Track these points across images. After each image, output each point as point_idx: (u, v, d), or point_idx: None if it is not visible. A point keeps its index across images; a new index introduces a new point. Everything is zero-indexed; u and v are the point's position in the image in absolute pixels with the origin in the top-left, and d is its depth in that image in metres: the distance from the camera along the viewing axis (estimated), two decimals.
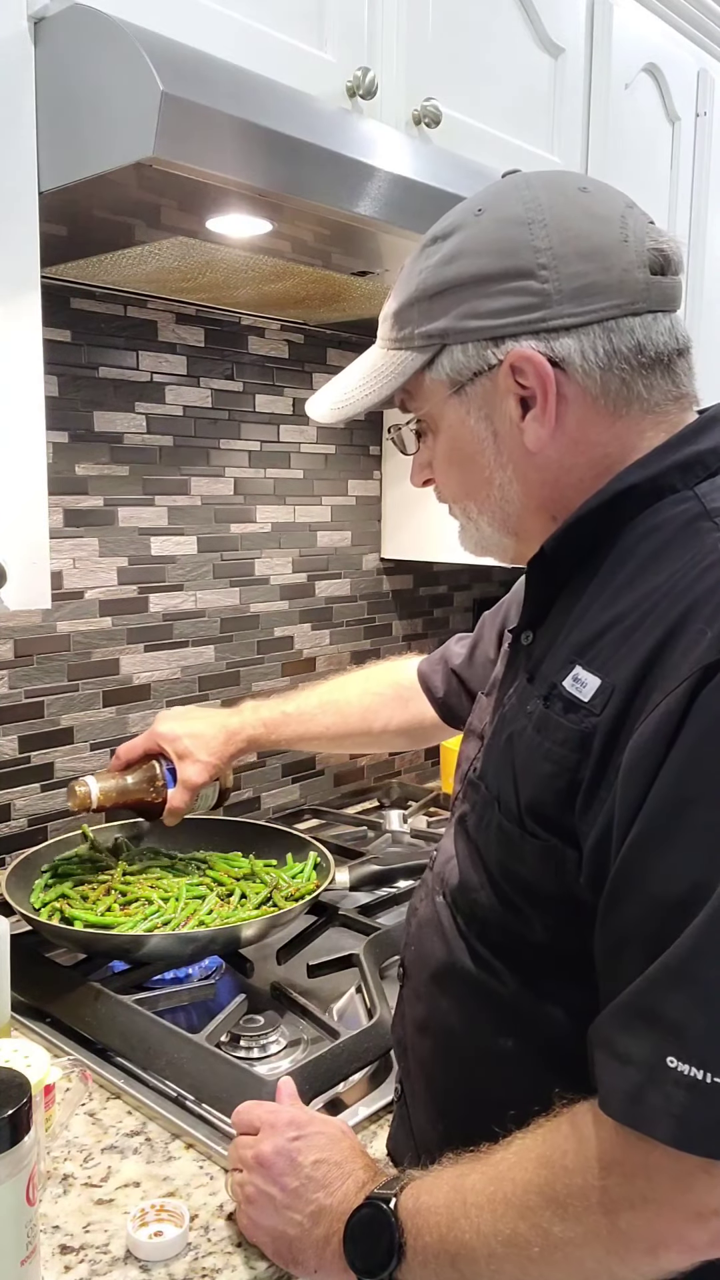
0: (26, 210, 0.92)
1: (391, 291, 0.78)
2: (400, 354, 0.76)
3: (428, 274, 0.74)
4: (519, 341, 0.70)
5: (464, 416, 0.75)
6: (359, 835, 1.66)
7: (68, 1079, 0.91)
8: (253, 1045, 1.03)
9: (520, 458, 0.73)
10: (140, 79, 0.83)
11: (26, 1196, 0.66)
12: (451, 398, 0.75)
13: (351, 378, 0.81)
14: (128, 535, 1.48)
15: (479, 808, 0.75)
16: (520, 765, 0.70)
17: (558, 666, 0.69)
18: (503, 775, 0.72)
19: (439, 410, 0.76)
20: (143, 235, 1.13)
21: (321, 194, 0.99)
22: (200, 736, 1.23)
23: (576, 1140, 0.61)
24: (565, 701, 0.67)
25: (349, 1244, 0.70)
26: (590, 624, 0.68)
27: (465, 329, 0.72)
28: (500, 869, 0.72)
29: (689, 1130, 0.55)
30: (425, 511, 1.82)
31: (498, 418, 0.73)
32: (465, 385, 0.73)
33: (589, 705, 0.65)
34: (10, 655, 1.36)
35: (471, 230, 0.73)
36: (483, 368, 0.72)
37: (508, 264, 0.70)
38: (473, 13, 1.34)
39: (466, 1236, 0.64)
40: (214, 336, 1.56)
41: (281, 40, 1.08)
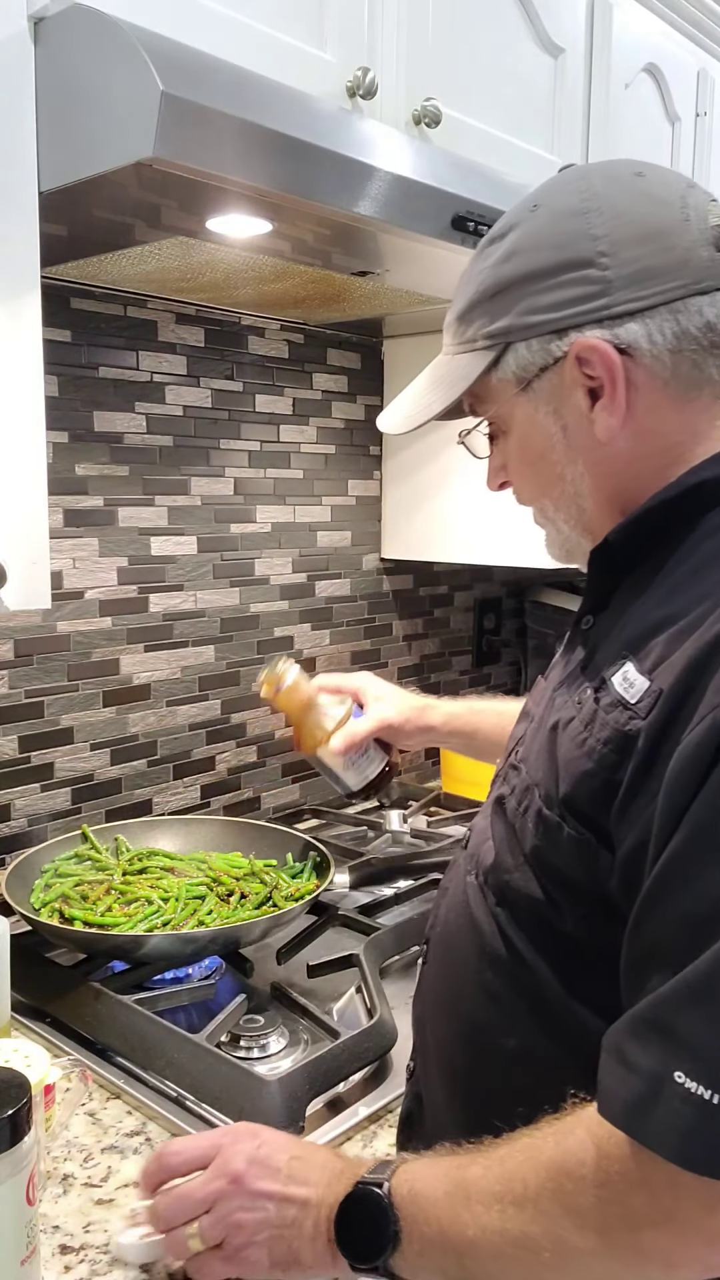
0: (26, 210, 0.92)
1: (453, 299, 0.78)
2: (465, 357, 0.76)
3: (486, 274, 0.74)
4: (583, 331, 0.70)
5: (533, 413, 0.74)
6: (359, 835, 1.66)
7: (68, 1079, 0.91)
8: (253, 1045, 1.03)
9: (590, 450, 0.73)
10: (140, 79, 0.83)
11: (26, 1196, 0.66)
12: (519, 395, 0.74)
13: (419, 387, 0.82)
14: (128, 535, 1.48)
15: (518, 791, 0.75)
16: (562, 756, 0.70)
17: (610, 659, 0.69)
18: (544, 762, 0.72)
19: (508, 409, 0.76)
20: (143, 235, 1.13)
21: (321, 194, 0.99)
22: (398, 695, 1.17)
23: (595, 1152, 0.60)
24: (613, 699, 0.66)
25: (342, 1230, 0.68)
26: (644, 619, 0.68)
27: (527, 325, 0.71)
28: (535, 855, 0.71)
29: (693, 1148, 0.55)
30: (425, 511, 1.82)
31: (566, 411, 0.73)
32: (532, 381, 0.73)
33: (635, 707, 0.64)
34: (10, 655, 1.36)
35: (527, 226, 0.72)
36: (548, 362, 0.72)
37: (565, 256, 0.70)
38: (473, 13, 1.34)
39: (471, 1232, 0.63)
40: (214, 336, 1.56)
41: (281, 40, 1.08)
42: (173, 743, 1.57)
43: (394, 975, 1.18)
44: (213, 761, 1.64)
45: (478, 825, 0.83)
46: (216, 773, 1.64)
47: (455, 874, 0.83)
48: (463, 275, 0.78)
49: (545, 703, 0.78)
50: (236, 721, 1.67)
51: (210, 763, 1.63)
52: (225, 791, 1.66)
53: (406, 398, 0.83)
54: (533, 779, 0.73)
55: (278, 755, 1.74)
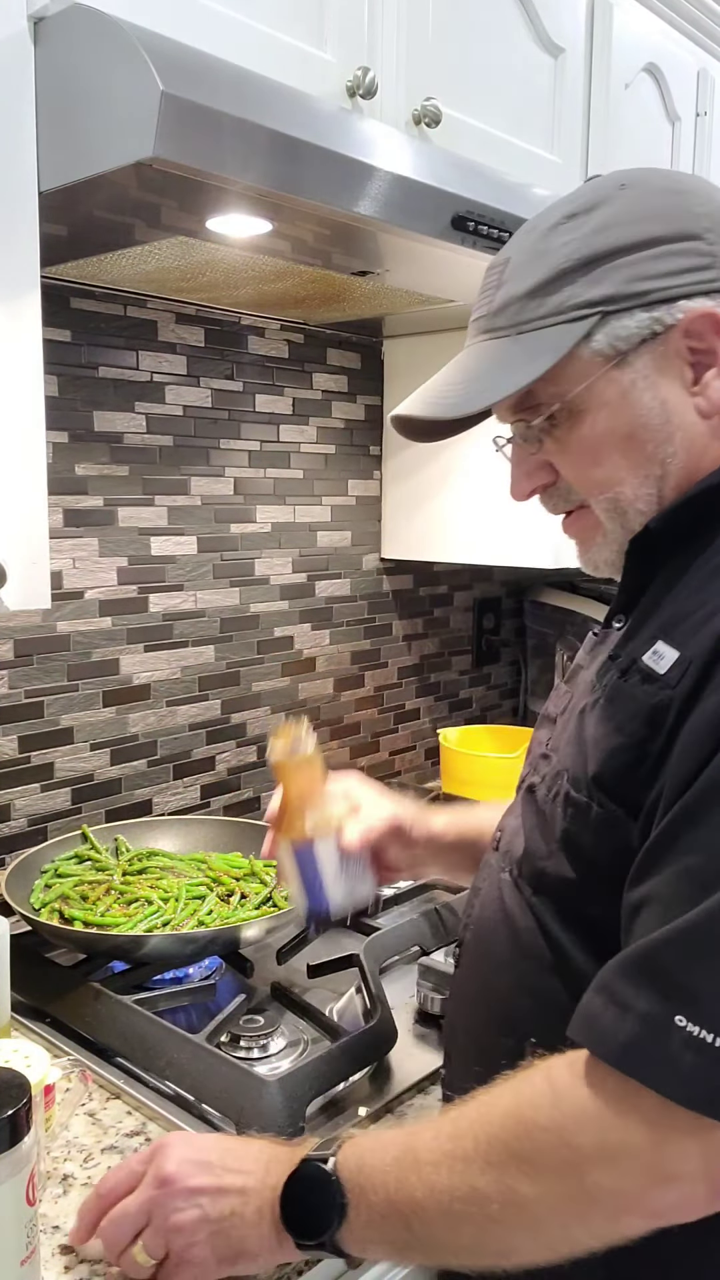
0: (26, 210, 0.92)
1: (504, 280, 0.74)
2: (547, 331, 0.71)
3: (577, 245, 0.70)
4: (693, 301, 0.69)
5: (626, 389, 0.71)
6: None
7: (68, 1079, 0.91)
8: (253, 1045, 1.03)
9: (690, 426, 0.71)
10: (140, 79, 0.83)
11: (26, 1196, 0.66)
12: (612, 370, 0.71)
13: (473, 370, 0.74)
14: (128, 535, 1.48)
15: (548, 779, 0.75)
16: (591, 736, 0.70)
17: (642, 644, 0.69)
18: (573, 747, 0.72)
19: (593, 389, 0.71)
20: (143, 235, 1.13)
21: (321, 194, 0.99)
22: (393, 797, 1.00)
23: (551, 1095, 0.61)
24: (642, 674, 0.66)
25: (286, 1208, 0.66)
26: (678, 605, 0.68)
27: (634, 293, 0.69)
28: (565, 839, 0.71)
29: (694, 1088, 0.56)
30: (425, 511, 1.82)
31: (666, 385, 0.71)
32: (629, 355, 0.70)
33: (665, 678, 0.64)
34: (10, 655, 1.36)
35: (622, 202, 0.71)
36: (654, 332, 0.69)
37: (673, 228, 0.69)
38: (473, 13, 1.34)
39: (419, 1194, 0.62)
40: (214, 336, 1.56)
41: (281, 40, 1.08)
42: (173, 743, 1.57)
43: (394, 975, 1.18)
44: (213, 761, 1.64)
45: (508, 824, 0.82)
46: (216, 773, 1.64)
47: (488, 874, 0.82)
48: (521, 255, 0.73)
49: (576, 694, 0.78)
50: (236, 721, 1.67)
51: (210, 763, 1.63)
52: (225, 791, 1.66)
53: (453, 382, 0.75)
54: (562, 764, 0.73)
55: None
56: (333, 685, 1.84)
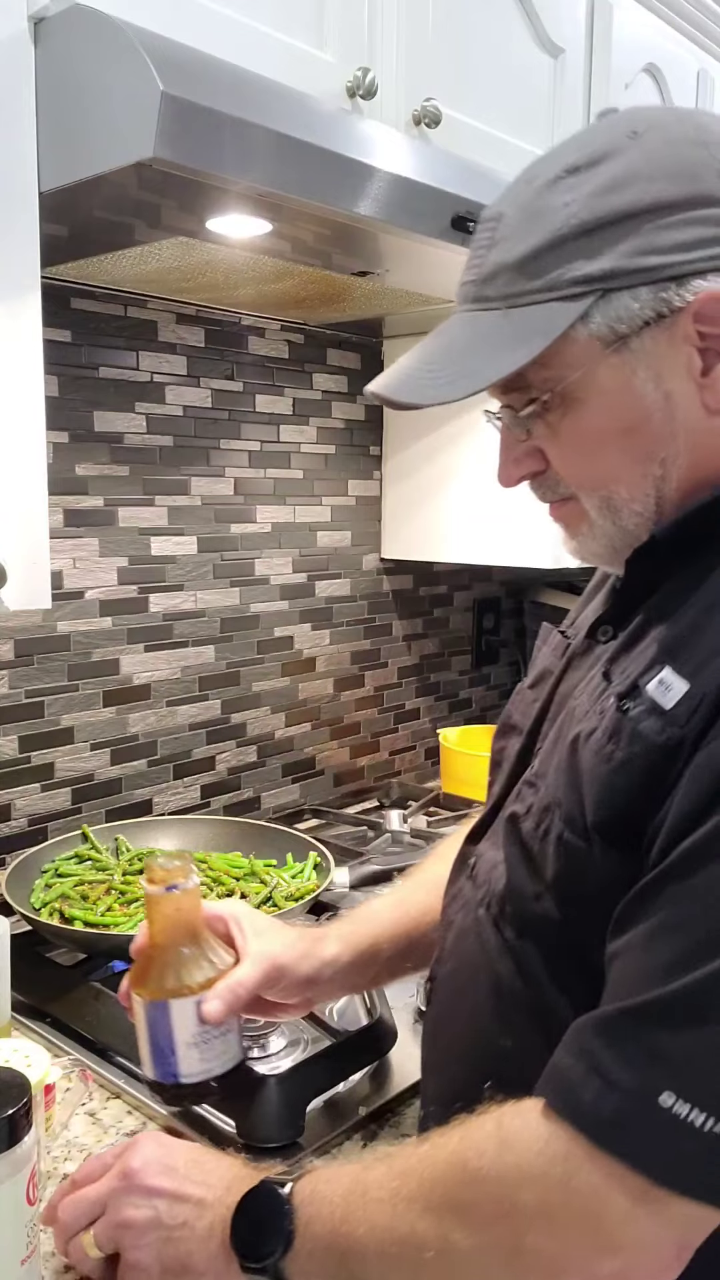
0: (26, 210, 0.92)
1: (496, 240, 0.65)
2: (539, 309, 0.62)
3: (579, 206, 0.61)
4: (707, 280, 0.60)
5: (627, 378, 0.63)
6: (359, 835, 1.66)
7: (68, 1079, 0.91)
8: (252, 1045, 1.02)
9: (696, 422, 0.63)
10: (140, 79, 0.83)
11: (26, 1196, 0.66)
12: (610, 356, 0.62)
13: (454, 348, 0.66)
14: (128, 535, 1.48)
15: (536, 812, 0.68)
16: (589, 774, 0.62)
17: (643, 666, 0.62)
18: (566, 781, 0.64)
19: (589, 375, 0.63)
20: (143, 235, 1.13)
21: (321, 194, 0.99)
22: (280, 930, 0.86)
23: (498, 1144, 0.57)
24: (646, 706, 0.59)
25: (236, 1225, 0.63)
26: (685, 622, 0.61)
27: (640, 268, 0.60)
28: (559, 883, 0.64)
29: (677, 1169, 0.52)
30: (425, 511, 1.82)
31: (671, 375, 0.62)
32: (630, 339, 0.62)
33: (673, 713, 0.57)
34: (10, 655, 1.36)
35: (632, 155, 0.61)
36: (659, 314, 0.61)
37: (691, 189, 0.60)
38: (473, 13, 1.34)
39: (360, 1231, 0.59)
40: (214, 336, 1.56)
41: (281, 40, 1.08)
42: (173, 743, 1.57)
43: None
44: (213, 761, 1.64)
45: (485, 853, 0.75)
46: (216, 773, 1.65)
47: (462, 905, 0.75)
48: (515, 211, 0.64)
49: (552, 716, 0.72)
50: (236, 721, 1.67)
51: (210, 763, 1.63)
52: (225, 791, 1.66)
53: (434, 362, 0.67)
54: (552, 798, 0.66)
55: (278, 755, 1.74)
56: (333, 685, 1.84)
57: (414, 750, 2.04)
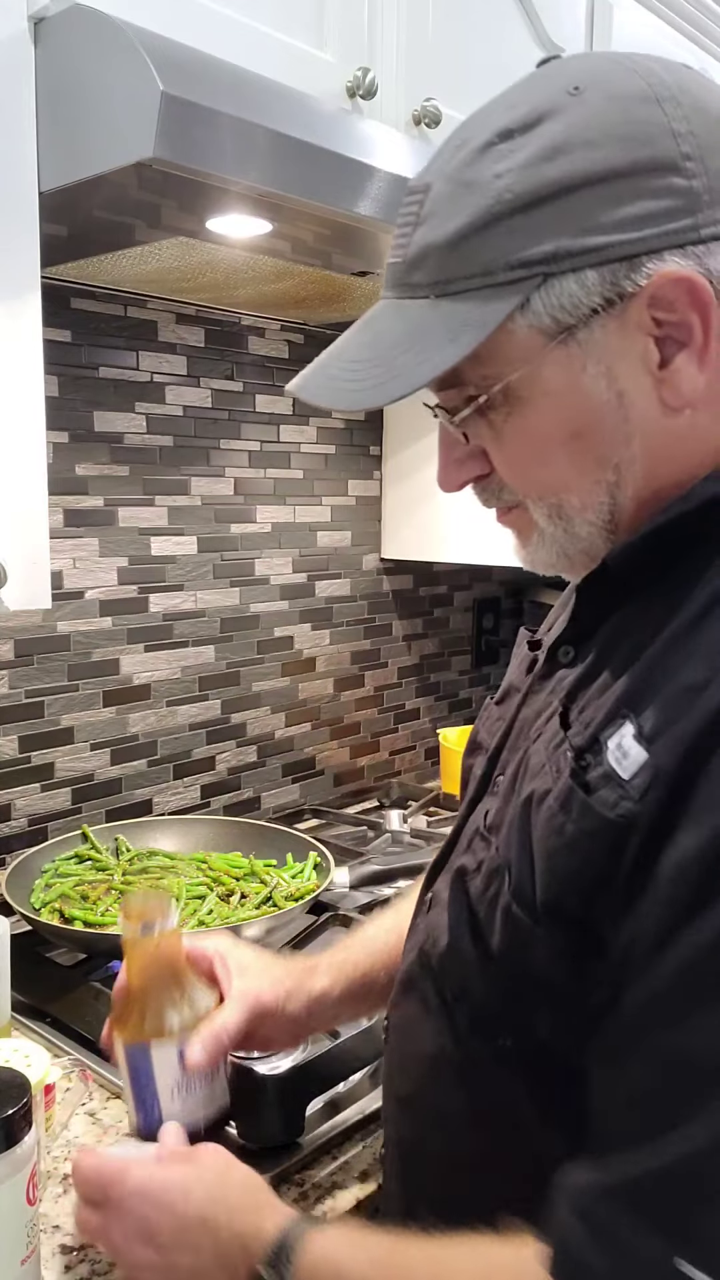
0: (26, 210, 0.92)
1: (422, 216, 0.57)
2: (471, 298, 0.55)
3: (513, 179, 0.53)
4: (663, 259, 0.53)
5: (575, 374, 0.56)
6: (359, 835, 1.65)
7: (68, 1079, 0.91)
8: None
9: (652, 423, 0.56)
10: (140, 79, 0.83)
11: (27, 1196, 0.66)
12: (555, 349, 0.55)
13: (382, 342, 0.59)
14: (128, 535, 1.48)
15: (485, 874, 0.62)
16: (539, 844, 0.57)
17: (603, 715, 0.56)
18: (518, 843, 0.59)
19: (532, 372, 0.56)
20: (143, 235, 1.13)
21: (321, 194, 0.99)
22: (267, 964, 0.84)
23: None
24: (604, 773, 0.53)
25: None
26: (650, 667, 0.55)
27: (584, 248, 0.53)
28: (504, 955, 0.59)
29: None
30: (425, 511, 1.82)
31: (624, 369, 0.55)
32: (576, 329, 0.55)
33: (629, 785, 0.52)
34: (10, 655, 1.36)
35: (574, 115, 0.53)
36: (609, 300, 0.54)
37: (642, 154, 0.52)
38: (473, 13, 1.34)
39: None
40: (214, 336, 1.56)
41: (281, 40, 1.08)
42: (173, 743, 1.57)
43: None
44: (213, 761, 1.64)
45: (440, 894, 0.69)
46: (216, 773, 1.65)
47: (412, 947, 0.71)
48: (440, 183, 0.57)
49: (509, 742, 0.66)
50: (236, 721, 1.67)
51: (210, 763, 1.63)
52: (225, 791, 1.66)
53: (358, 359, 0.60)
54: (504, 858, 0.60)
55: (278, 755, 1.74)
56: (333, 685, 1.84)
57: (414, 750, 2.04)
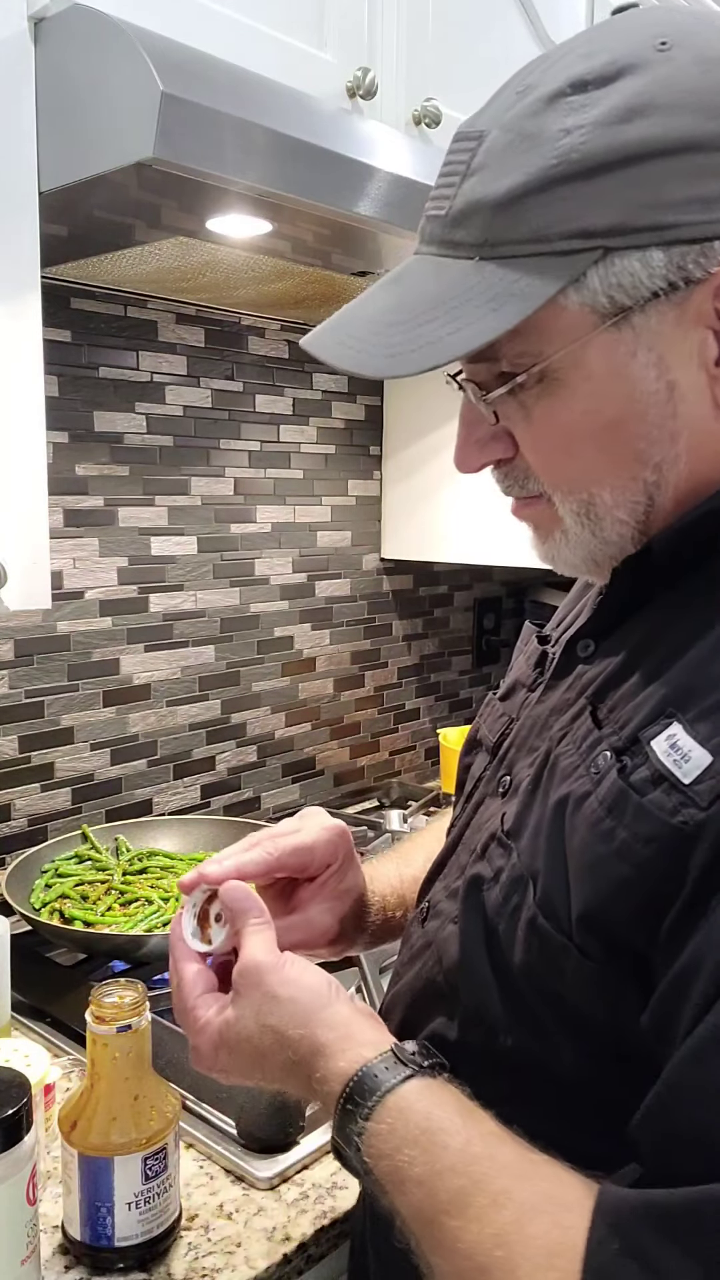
0: (26, 210, 0.92)
1: (473, 167, 0.52)
2: (521, 264, 0.50)
3: (583, 137, 0.48)
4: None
5: (623, 360, 0.52)
6: (359, 835, 1.65)
7: (68, 1079, 0.91)
8: None
9: (700, 422, 0.53)
10: (140, 79, 0.83)
11: (26, 1196, 0.66)
12: (605, 332, 0.51)
13: (412, 305, 0.53)
14: (128, 535, 1.48)
15: (505, 884, 0.57)
16: (580, 853, 0.51)
17: (643, 713, 0.52)
18: (548, 851, 0.54)
19: (577, 353, 0.52)
20: (143, 235, 1.13)
21: (321, 194, 0.99)
22: None
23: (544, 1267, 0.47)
24: (655, 774, 0.49)
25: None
26: (697, 666, 0.51)
27: (653, 224, 0.48)
28: (527, 977, 0.54)
29: None
30: (425, 511, 1.82)
31: (677, 361, 0.51)
32: (632, 312, 0.51)
33: (692, 791, 0.47)
34: (10, 655, 1.36)
35: (662, 72, 0.48)
36: (672, 284, 0.50)
37: (717, 125, 0.48)
38: (473, 13, 1.34)
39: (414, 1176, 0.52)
40: (214, 336, 1.56)
41: (281, 40, 1.08)
42: (173, 743, 1.57)
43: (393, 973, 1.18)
44: (213, 761, 1.64)
45: (439, 902, 0.64)
46: (216, 773, 1.64)
47: (409, 958, 0.67)
48: (499, 131, 0.51)
49: (538, 763, 0.59)
50: (236, 721, 1.67)
51: (210, 763, 1.63)
52: (225, 791, 1.66)
53: (386, 323, 0.54)
54: (528, 868, 0.55)
55: (278, 755, 1.74)
56: (333, 685, 1.84)
57: (414, 750, 2.04)
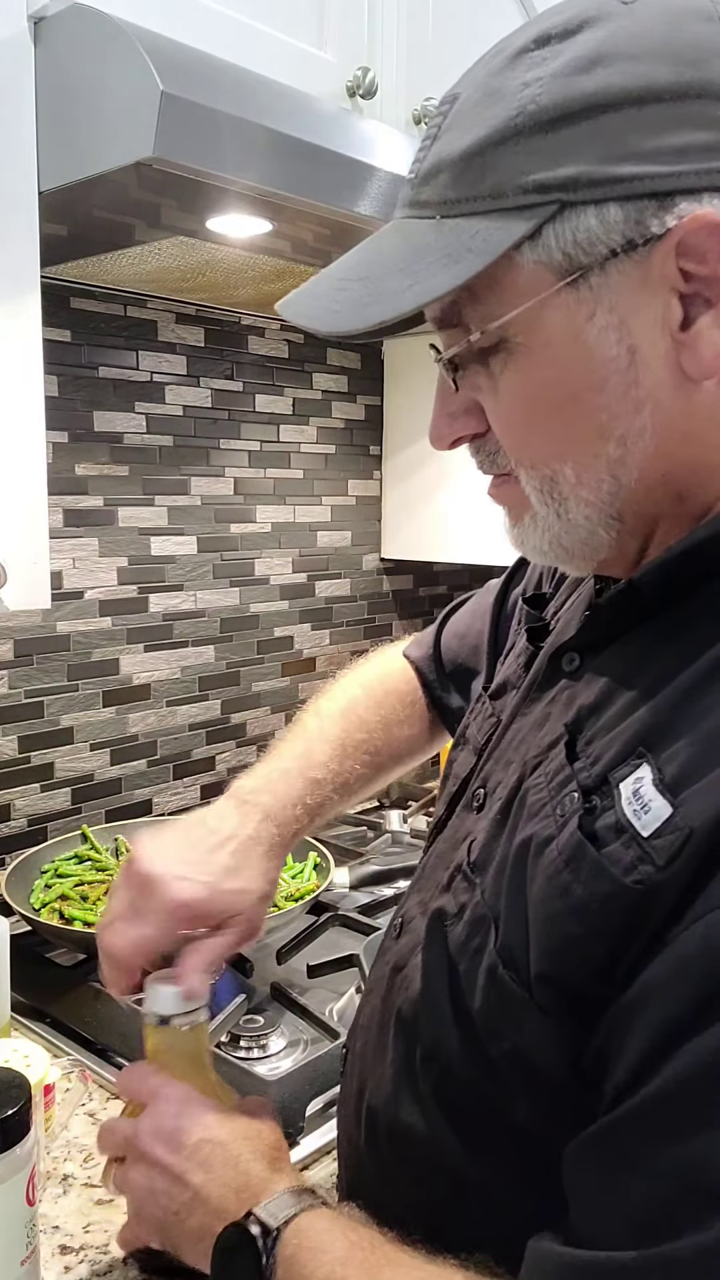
0: (26, 210, 0.92)
1: (443, 129, 0.51)
2: (477, 221, 0.48)
3: (541, 88, 0.46)
4: (700, 201, 0.45)
5: (582, 323, 0.48)
6: (359, 835, 1.65)
7: (68, 1079, 0.91)
8: (253, 1045, 1.02)
9: (665, 393, 0.48)
10: (140, 79, 0.83)
11: (26, 1196, 0.66)
12: (562, 292, 0.47)
13: (376, 264, 0.53)
14: (128, 535, 1.48)
15: (468, 922, 0.54)
16: (539, 902, 0.49)
17: (616, 750, 0.48)
18: (509, 896, 0.51)
19: (533, 314, 0.48)
20: (143, 235, 1.13)
21: (321, 194, 0.99)
22: None
23: None
24: (615, 821, 0.46)
25: (214, 1261, 0.57)
26: (674, 702, 0.47)
27: (611, 177, 0.45)
28: (486, 1026, 0.51)
29: None
30: (425, 511, 1.82)
31: (640, 325, 0.47)
32: (590, 272, 0.47)
33: (650, 847, 0.44)
34: (10, 655, 1.36)
35: (623, 23, 0.46)
36: (631, 241, 0.46)
37: (691, 76, 0.44)
38: (472, 13, 1.34)
39: None
40: (214, 336, 1.56)
41: (281, 40, 1.08)
42: (173, 743, 1.57)
43: None
44: (213, 761, 1.64)
45: (413, 919, 0.62)
46: (216, 773, 1.64)
47: (379, 980, 0.64)
48: (468, 90, 0.51)
49: (510, 786, 0.57)
50: (236, 721, 1.67)
51: (210, 763, 1.63)
52: None
53: (353, 278, 0.55)
54: (491, 908, 0.52)
55: None
56: None
57: None
